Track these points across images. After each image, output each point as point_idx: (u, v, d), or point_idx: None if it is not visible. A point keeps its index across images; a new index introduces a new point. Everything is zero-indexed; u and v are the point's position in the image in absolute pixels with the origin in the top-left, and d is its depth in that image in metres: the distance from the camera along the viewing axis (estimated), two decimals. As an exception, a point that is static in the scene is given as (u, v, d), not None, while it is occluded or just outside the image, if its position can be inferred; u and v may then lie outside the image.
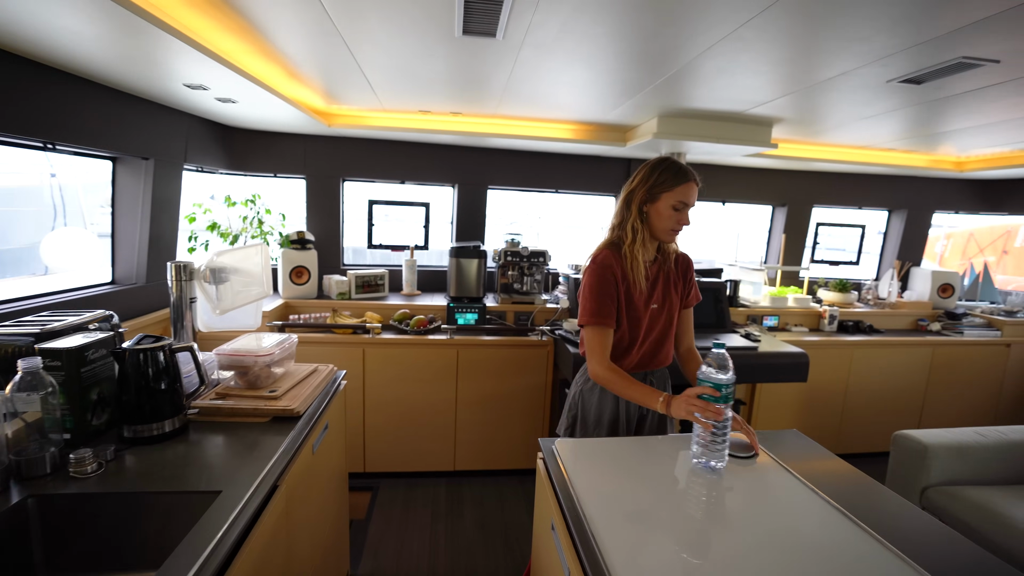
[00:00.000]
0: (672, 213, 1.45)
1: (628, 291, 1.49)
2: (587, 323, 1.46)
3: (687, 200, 1.45)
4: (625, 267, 1.49)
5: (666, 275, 1.56)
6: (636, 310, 1.50)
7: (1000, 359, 3.40)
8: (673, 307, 1.56)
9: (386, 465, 2.78)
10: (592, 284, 1.47)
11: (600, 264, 1.49)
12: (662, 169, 1.46)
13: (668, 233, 1.49)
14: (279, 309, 2.77)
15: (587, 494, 1.10)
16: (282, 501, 1.17)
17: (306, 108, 2.48)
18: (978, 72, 1.75)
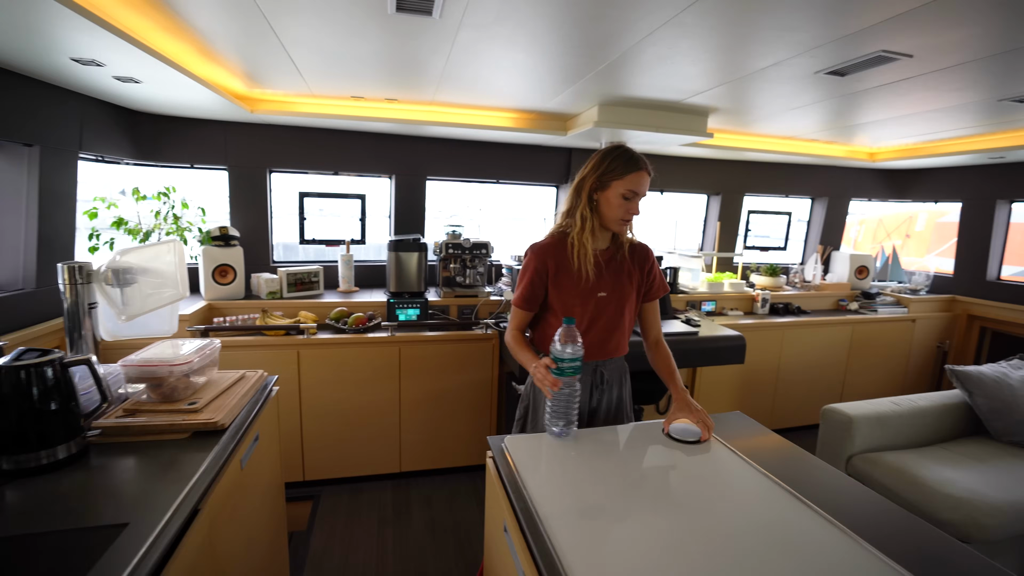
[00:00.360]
0: (621, 202, 1.43)
1: (570, 279, 1.47)
2: (513, 303, 1.55)
3: (637, 189, 1.42)
4: (570, 255, 1.47)
5: (619, 264, 1.53)
6: (578, 297, 1.48)
7: (907, 333, 3.70)
8: (625, 297, 1.52)
9: (328, 472, 2.64)
10: (525, 268, 1.51)
11: (534, 252, 1.51)
12: (614, 157, 1.43)
13: (617, 223, 1.46)
14: (202, 312, 2.54)
15: (539, 492, 1.06)
16: (204, 526, 1.05)
17: (224, 91, 2.27)
18: (894, 66, 1.85)
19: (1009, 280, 3.68)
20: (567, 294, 1.48)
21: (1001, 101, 2.27)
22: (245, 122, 2.80)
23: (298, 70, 2.10)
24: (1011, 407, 2.33)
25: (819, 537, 0.96)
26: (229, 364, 2.33)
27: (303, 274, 2.91)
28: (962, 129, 2.89)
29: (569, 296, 1.48)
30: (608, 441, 1.33)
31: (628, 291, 1.53)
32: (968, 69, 1.86)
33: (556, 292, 1.50)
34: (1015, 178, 3.50)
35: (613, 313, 1.51)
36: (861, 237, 6.23)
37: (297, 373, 2.49)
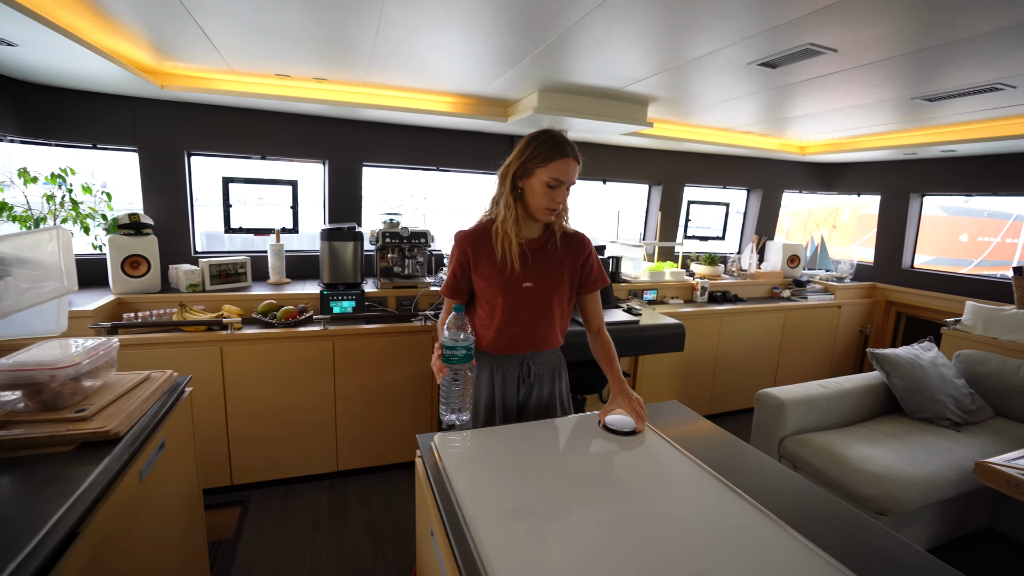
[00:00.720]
0: (546, 191, 1.36)
1: (493, 268, 1.42)
2: (442, 292, 1.52)
3: (562, 177, 1.35)
4: (494, 244, 1.41)
5: (549, 254, 1.47)
6: (501, 287, 1.42)
7: (834, 319, 3.91)
8: (553, 288, 1.46)
9: (258, 474, 2.49)
10: (451, 257, 1.49)
11: (460, 238, 1.47)
12: (539, 142, 1.36)
13: (543, 212, 1.39)
14: (109, 307, 2.31)
15: (467, 493, 1.00)
16: (86, 550, 0.92)
17: (127, 63, 2.05)
18: (820, 60, 1.90)
19: (921, 268, 3.96)
20: (489, 283, 1.43)
21: (914, 99, 2.40)
22: (157, 99, 2.56)
23: (211, 42, 1.92)
24: (922, 386, 2.49)
25: (748, 526, 0.96)
26: (143, 364, 2.15)
27: (228, 265, 2.71)
28: (881, 125, 3.05)
29: (491, 286, 1.43)
30: (542, 435, 1.30)
31: (558, 282, 1.46)
32: (886, 66, 1.94)
33: (479, 281, 1.45)
34: (925, 173, 3.75)
35: (539, 304, 1.45)
36: (793, 228, 6.55)
37: (221, 371, 2.31)
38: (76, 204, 2.28)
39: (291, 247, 3.22)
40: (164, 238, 2.70)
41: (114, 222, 2.39)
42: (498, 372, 1.49)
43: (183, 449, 1.51)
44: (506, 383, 1.49)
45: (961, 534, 2.28)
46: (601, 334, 1.55)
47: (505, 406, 1.50)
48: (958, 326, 3.10)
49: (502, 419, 1.49)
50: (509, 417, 1.50)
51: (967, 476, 2.03)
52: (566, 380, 1.61)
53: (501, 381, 1.49)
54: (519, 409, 1.52)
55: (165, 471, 1.35)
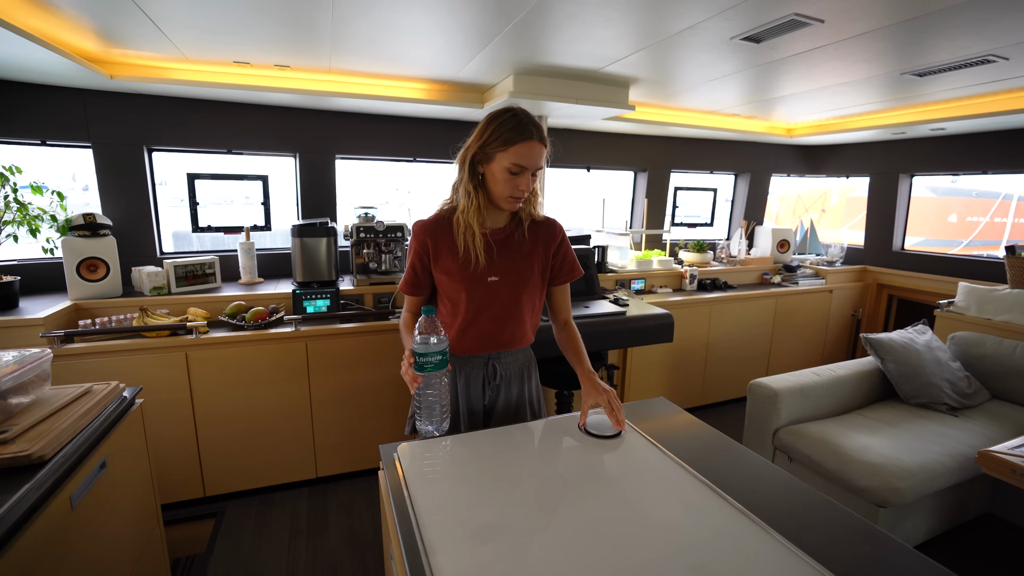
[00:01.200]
0: (508, 177, 1.21)
1: (455, 261, 1.29)
2: (399, 288, 1.41)
3: (524, 163, 1.20)
4: (455, 235, 1.29)
5: (516, 245, 1.34)
6: (463, 283, 1.30)
7: (825, 304, 3.85)
8: (522, 282, 1.34)
9: (233, 484, 2.38)
10: (409, 249, 1.36)
11: (418, 228, 1.33)
12: (499, 123, 1.20)
13: (506, 201, 1.25)
14: (64, 314, 2.18)
15: (430, 513, 0.90)
16: (-5, 594, 0.82)
17: (70, 51, 1.91)
18: (806, 32, 1.80)
19: (912, 250, 3.90)
20: (451, 278, 1.30)
21: (903, 74, 2.31)
22: (109, 91, 2.41)
23: (157, 27, 1.79)
24: (917, 370, 2.42)
25: (737, 536, 0.86)
26: (101, 374, 2.03)
27: (195, 266, 2.58)
28: (869, 104, 2.97)
29: (453, 281, 1.30)
30: (517, 442, 1.19)
31: (526, 275, 1.34)
32: (875, 38, 1.84)
33: (439, 276, 1.33)
34: (914, 153, 3.68)
35: (507, 300, 1.33)
36: (782, 212, 6.49)
37: (187, 378, 2.19)
38: (23, 205, 2.14)
39: (264, 245, 3.09)
40: (125, 239, 2.57)
41: (67, 223, 2.25)
42: (461, 374, 1.37)
43: (132, 466, 1.40)
44: (471, 386, 1.38)
45: (961, 522, 2.22)
46: (568, 326, 1.45)
47: (471, 410, 1.38)
48: (951, 308, 3.04)
49: (468, 424, 1.38)
50: (476, 422, 1.39)
51: (967, 463, 1.96)
52: (536, 381, 1.49)
53: (465, 384, 1.37)
54: (486, 413, 1.41)
55: (108, 493, 1.23)
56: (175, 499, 2.29)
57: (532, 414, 1.45)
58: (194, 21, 1.74)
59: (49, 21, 1.74)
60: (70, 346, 2.03)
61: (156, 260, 2.69)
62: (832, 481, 2.03)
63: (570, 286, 1.48)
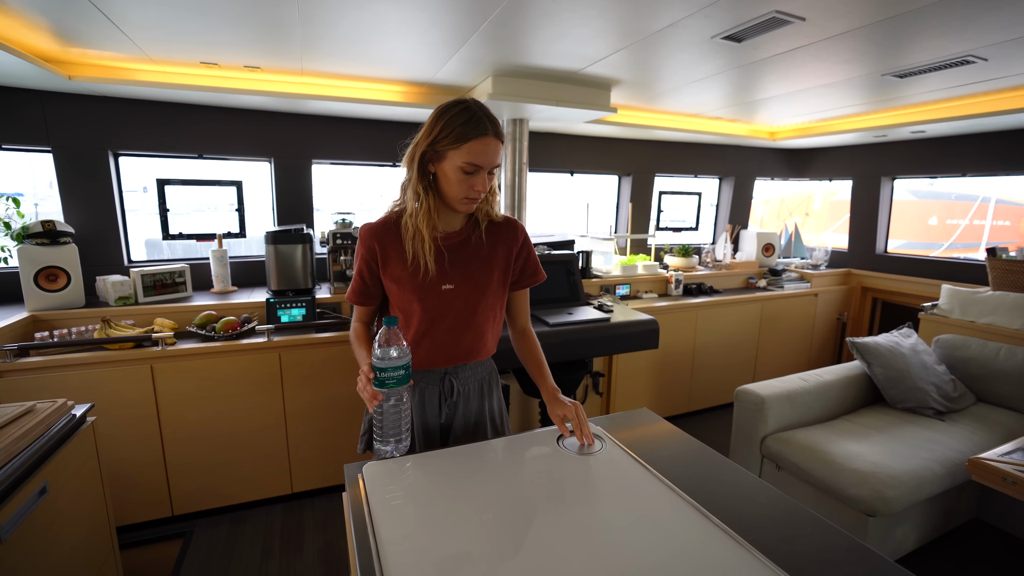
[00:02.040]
0: (462, 177, 1.10)
1: (404, 269, 1.18)
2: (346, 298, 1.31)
3: (479, 161, 1.09)
4: (404, 240, 1.18)
5: (474, 249, 1.23)
6: (415, 292, 1.19)
7: (810, 307, 3.83)
8: (480, 289, 1.24)
9: (203, 503, 2.27)
10: (356, 255, 1.25)
11: (363, 232, 1.22)
12: (450, 117, 1.09)
13: (460, 203, 1.15)
14: (20, 325, 2.07)
15: (392, 541, 0.82)
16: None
17: (21, 49, 1.82)
18: (788, 31, 1.77)
19: (895, 253, 3.91)
20: (402, 287, 1.20)
21: (884, 76, 2.30)
22: (70, 92, 2.31)
23: (114, 24, 1.70)
24: (904, 375, 2.40)
25: (720, 557, 0.80)
26: (58, 390, 1.92)
27: (164, 274, 2.48)
28: (850, 107, 2.96)
29: (404, 290, 1.20)
30: (489, 461, 1.12)
31: (484, 282, 1.24)
32: (856, 37, 1.82)
33: (389, 284, 1.22)
34: (895, 156, 3.69)
35: (462, 310, 1.22)
36: (767, 216, 6.51)
37: (152, 392, 2.09)
38: (-24, 212, 2.03)
39: (239, 252, 3.00)
40: (90, 247, 2.46)
41: (24, 230, 2.14)
42: (416, 390, 1.26)
43: (81, 490, 1.30)
44: (426, 402, 1.27)
45: (950, 528, 2.19)
46: (527, 333, 1.36)
47: (426, 428, 1.28)
48: (935, 311, 3.03)
49: (423, 444, 1.27)
50: (432, 441, 1.28)
51: (955, 469, 1.93)
52: (499, 395, 1.38)
53: (420, 400, 1.27)
54: (443, 431, 1.30)
55: (49, 521, 1.14)
56: (141, 519, 2.18)
57: (494, 431, 1.34)
58: (153, 19, 1.66)
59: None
60: (24, 360, 1.92)
61: (123, 269, 2.58)
62: (821, 490, 1.98)
63: (554, 292, 1.39)
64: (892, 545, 1.95)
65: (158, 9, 1.58)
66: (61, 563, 1.18)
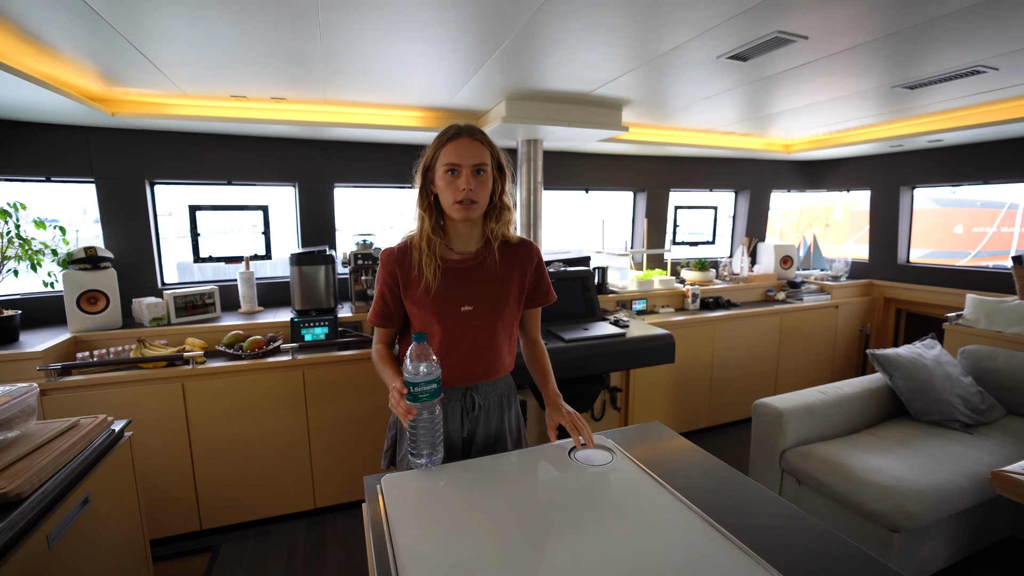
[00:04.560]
0: (448, 180, 1.18)
1: (426, 292, 1.24)
2: (368, 320, 1.36)
3: (458, 160, 1.16)
4: (416, 263, 1.24)
5: (490, 271, 1.28)
6: (434, 314, 1.25)
7: (832, 319, 3.78)
8: (497, 310, 1.28)
9: (229, 517, 2.34)
10: (377, 278, 1.32)
11: (384, 256, 1.29)
12: (436, 137, 1.22)
13: (453, 208, 1.20)
14: (64, 346, 2.19)
15: (409, 551, 0.87)
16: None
17: (73, 91, 1.97)
18: (791, 49, 1.81)
19: (918, 262, 3.84)
20: (422, 309, 1.26)
21: (894, 87, 2.31)
22: (111, 127, 2.47)
23: (155, 66, 1.84)
24: (927, 387, 2.35)
25: (733, 574, 0.82)
26: (96, 406, 2.03)
27: (194, 296, 2.59)
28: (864, 118, 2.96)
29: (425, 312, 1.25)
30: (504, 472, 1.15)
31: (502, 303, 1.29)
32: (861, 52, 1.85)
33: (411, 307, 1.28)
34: (913, 165, 3.66)
35: (481, 331, 1.27)
36: (785, 228, 6.45)
37: (184, 409, 2.18)
38: (26, 241, 2.17)
39: (265, 274, 3.12)
40: (127, 271, 2.60)
41: (68, 256, 2.28)
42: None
43: (119, 501, 1.38)
44: (449, 418, 1.31)
45: (983, 546, 2.12)
46: (537, 344, 1.44)
47: (450, 442, 1.32)
48: (960, 321, 2.97)
49: (447, 457, 1.30)
50: (454, 455, 1.32)
51: (983, 484, 1.88)
52: (516, 409, 1.43)
53: (443, 416, 1.29)
54: (464, 445, 1.34)
55: (91, 530, 1.21)
56: (170, 533, 2.26)
57: (513, 443, 1.39)
58: (190, 59, 1.79)
59: (52, 64, 1.79)
60: (67, 379, 2.03)
61: (157, 291, 2.71)
62: (842, 504, 1.96)
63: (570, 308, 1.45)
64: (920, 562, 1.90)
65: (194, 50, 1.71)
66: (101, 572, 1.25)
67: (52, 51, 1.67)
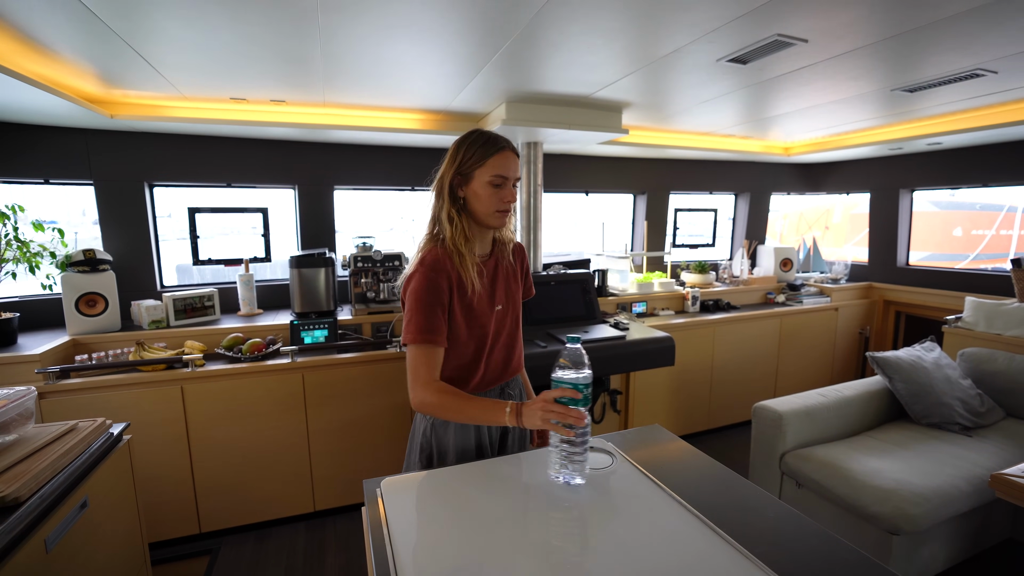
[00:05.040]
0: (492, 191, 1.21)
1: (466, 295, 1.24)
2: (413, 341, 1.17)
3: (505, 173, 1.20)
4: (456, 266, 1.23)
5: (506, 270, 1.36)
6: (479, 316, 1.26)
7: (831, 322, 3.78)
8: (517, 305, 1.38)
9: (228, 520, 2.33)
10: (419, 292, 1.18)
11: (429, 266, 1.20)
12: (469, 143, 1.22)
13: (494, 216, 1.23)
14: (62, 349, 2.19)
15: (407, 557, 0.86)
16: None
17: (71, 94, 1.97)
18: (791, 52, 1.81)
19: (917, 265, 3.84)
20: (471, 313, 1.25)
21: (894, 91, 2.31)
22: (110, 130, 2.47)
23: (154, 68, 1.84)
24: (927, 389, 2.35)
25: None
26: (96, 410, 2.02)
27: (194, 298, 2.59)
28: (864, 121, 2.97)
29: (473, 315, 1.25)
30: (503, 476, 1.15)
31: (517, 298, 1.39)
32: (861, 56, 1.85)
33: (461, 314, 1.24)
34: (913, 168, 3.66)
35: (511, 326, 1.35)
36: (785, 231, 6.45)
37: (183, 412, 2.18)
38: (24, 243, 2.17)
39: (264, 276, 3.11)
40: (126, 274, 2.59)
41: (67, 259, 2.27)
42: None
43: (118, 505, 1.37)
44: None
45: (983, 548, 2.12)
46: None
47: (491, 442, 1.34)
48: (959, 323, 2.97)
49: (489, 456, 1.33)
50: (493, 452, 1.36)
51: (983, 487, 1.88)
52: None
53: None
54: (501, 442, 1.37)
55: (89, 533, 1.21)
56: (169, 536, 2.25)
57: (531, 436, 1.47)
58: (189, 62, 1.79)
59: (50, 66, 1.79)
60: (65, 382, 2.03)
61: (156, 294, 2.71)
62: (842, 507, 1.95)
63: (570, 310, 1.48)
64: (919, 565, 1.90)
65: (193, 53, 1.70)
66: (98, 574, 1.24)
67: (50, 53, 1.67)
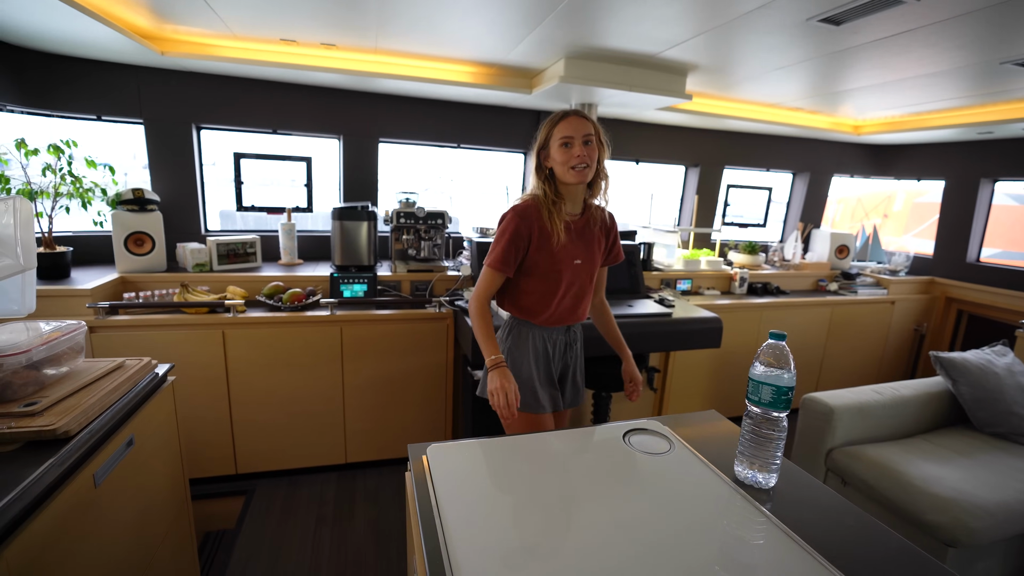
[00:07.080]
0: (563, 151, 1.43)
1: (547, 244, 1.48)
2: (488, 264, 1.48)
3: (570, 132, 1.42)
4: (546, 221, 1.47)
5: (590, 232, 1.56)
6: (557, 263, 1.49)
7: (886, 316, 3.57)
8: (595, 264, 1.58)
9: (263, 464, 2.39)
10: (505, 230, 1.46)
11: (519, 213, 1.46)
12: (545, 123, 1.48)
13: (569, 172, 1.44)
14: (112, 285, 2.23)
15: (458, 528, 0.82)
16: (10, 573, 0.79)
17: (123, 26, 1.92)
18: (894, 13, 1.62)
19: (989, 262, 3.56)
20: (551, 259, 1.48)
21: (1003, 64, 2.06)
22: (161, 68, 2.43)
23: (206, 2, 1.76)
24: (996, 396, 2.19)
25: (792, 568, 0.75)
26: (141, 347, 2.06)
27: (237, 244, 2.59)
28: (952, 100, 2.70)
29: (553, 261, 1.48)
30: (556, 452, 1.10)
31: (597, 259, 1.59)
32: (975, 20, 1.64)
33: (539, 257, 1.49)
34: (1001, 156, 3.35)
35: (585, 280, 1.56)
36: (840, 217, 6.10)
37: (223, 356, 2.20)
38: (77, 179, 2.18)
39: (305, 227, 3.10)
40: (172, 215, 2.61)
41: (117, 196, 2.29)
42: (550, 341, 1.59)
43: (162, 444, 1.38)
44: (555, 352, 1.60)
45: (1038, 567, 2.00)
46: (605, 306, 1.74)
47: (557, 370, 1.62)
48: (1036, 328, 2.75)
49: (547, 389, 1.58)
50: (553, 386, 1.61)
51: (1053, 504, 1.75)
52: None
53: (552, 350, 1.60)
54: (560, 376, 1.64)
55: (135, 470, 1.22)
56: (207, 474, 2.32)
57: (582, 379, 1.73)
58: (242, -4, 1.71)
59: (104, -5, 1.74)
60: (113, 318, 2.06)
61: (200, 237, 2.72)
62: (891, 511, 1.85)
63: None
64: (971, 579, 1.80)
65: (247, -14, 1.63)
66: (143, 511, 1.26)
67: (105, -19, 1.62)
